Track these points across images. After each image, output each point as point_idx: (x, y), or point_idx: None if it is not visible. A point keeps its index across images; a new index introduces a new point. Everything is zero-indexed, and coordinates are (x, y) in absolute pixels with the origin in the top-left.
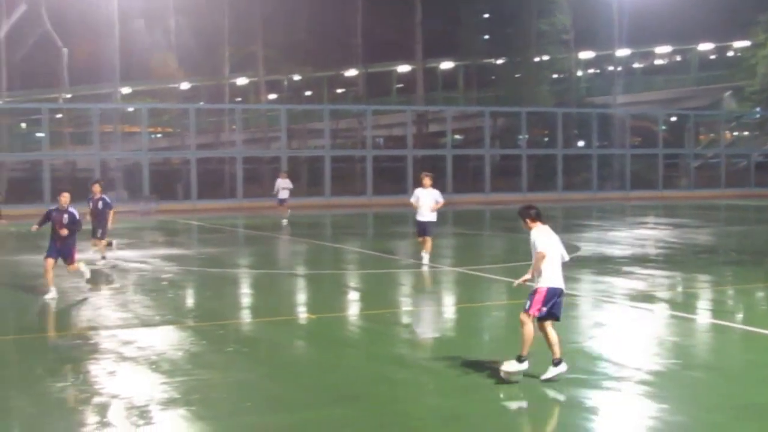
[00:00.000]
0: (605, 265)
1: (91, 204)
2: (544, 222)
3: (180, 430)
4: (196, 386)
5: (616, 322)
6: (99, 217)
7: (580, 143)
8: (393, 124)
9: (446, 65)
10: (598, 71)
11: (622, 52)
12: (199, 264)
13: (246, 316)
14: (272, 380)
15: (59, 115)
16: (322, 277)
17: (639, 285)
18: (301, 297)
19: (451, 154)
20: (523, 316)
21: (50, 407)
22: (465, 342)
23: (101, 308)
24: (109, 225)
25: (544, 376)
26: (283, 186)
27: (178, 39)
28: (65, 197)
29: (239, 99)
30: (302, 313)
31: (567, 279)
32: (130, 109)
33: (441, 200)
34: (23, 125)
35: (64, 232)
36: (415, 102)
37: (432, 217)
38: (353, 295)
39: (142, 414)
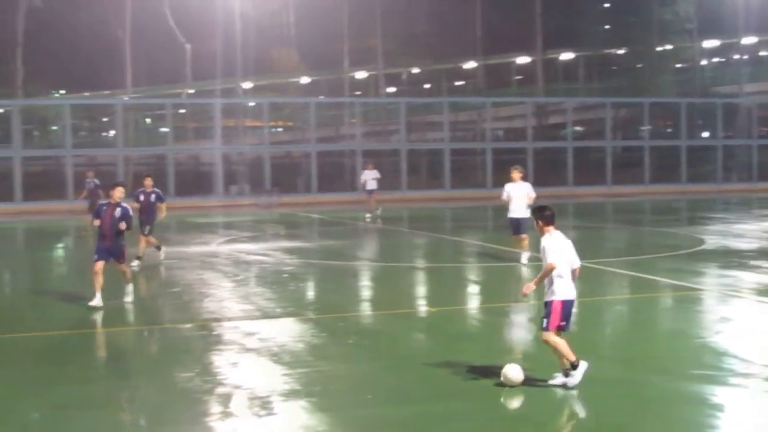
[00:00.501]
0: (731, 258)
1: (142, 197)
2: (556, 226)
3: (301, 421)
4: (317, 378)
5: (743, 317)
6: (148, 212)
7: (705, 134)
8: (513, 116)
9: (566, 56)
10: (722, 60)
11: (748, 40)
12: (319, 256)
13: (366, 308)
14: (392, 372)
15: (182, 111)
16: (442, 270)
17: (767, 279)
18: (421, 290)
19: (571, 146)
20: (545, 336)
21: (176, 397)
22: (586, 336)
23: (224, 300)
24: (161, 216)
25: (570, 381)
26: (371, 177)
27: (298, 33)
28: (119, 191)
29: (359, 92)
30: (422, 306)
31: (691, 273)
32: (252, 104)
33: (533, 194)
34: (148, 120)
35: (123, 226)
36: (535, 94)
37: (526, 213)
38: (473, 288)
39: (264, 405)
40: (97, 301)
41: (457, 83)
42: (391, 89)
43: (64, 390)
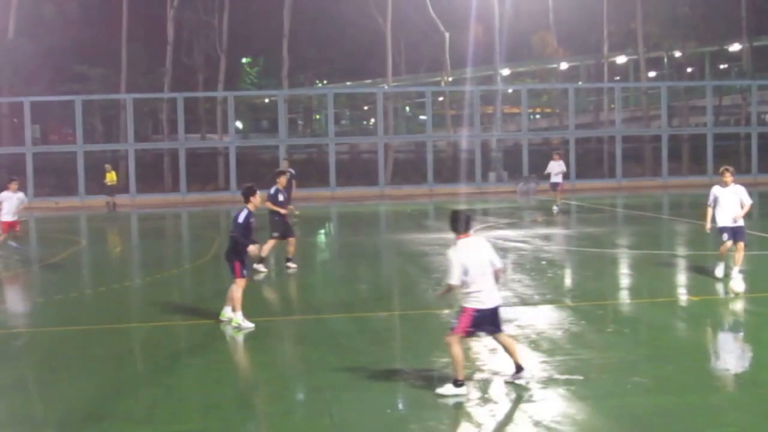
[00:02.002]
0: None
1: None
2: (469, 233)
3: (560, 409)
4: (576, 366)
5: None
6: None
7: None
8: None
9: None
10: None
11: None
12: (578, 244)
13: (625, 296)
14: (653, 362)
15: (441, 98)
16: (704, 258)
17: None
18: (682, 278)
19: None
20: (449, 338)
21: (434, 381)
22: None
23: None
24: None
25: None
26: (558, 169)
27: (558, 18)
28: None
29: (618, 77)
30: (683, 295)
31: None
32: (510, 91)
33: (748, 201)
34: (407, 108)
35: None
36: None
37: (740, 221)
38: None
39: (523, 391)
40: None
41: (722, 66)
42: (652, 73)
43: (329, 372)
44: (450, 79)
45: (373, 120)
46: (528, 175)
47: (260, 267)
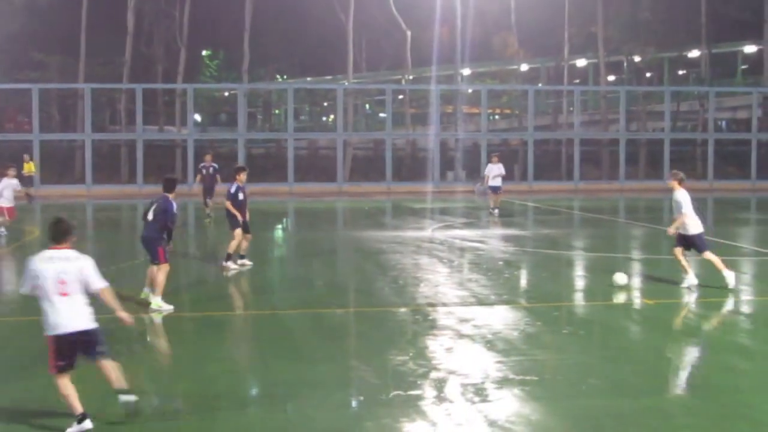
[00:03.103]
0: None
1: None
2: (62, 245)
3: (515, 409)
4: (532, 367)
5: None
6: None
7: None
8: (738, 106)
9: None
10: None
11: None
12: (534, 245)
13: (581, 298)
14: (608, 364)
15: (401, 96)
16: (659, 262)
17: None
18: (637, 281)
19: None
20: (54, 377)
21: (390, 379)
22: None
23: (439, 285)
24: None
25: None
26: (496, 173)
27: (519, 19)
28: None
29: (578, 80)
30: (638, 298)
31: None
32: (470, 91)
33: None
34: (367, 106)
35: None
36: (763, 83)
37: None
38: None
39: (478, 391)
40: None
41: (680, 72)
42: (611, 77)
43: (284, 368)
44: (411, 77)
45: (332, 116)
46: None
47: (231, 264)
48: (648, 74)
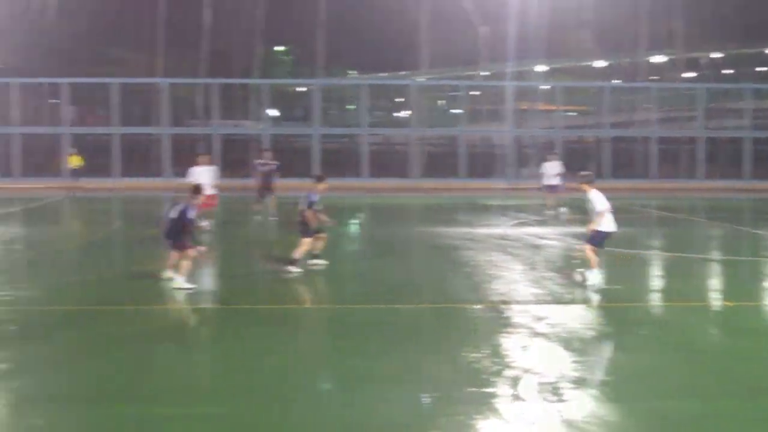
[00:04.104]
0: None
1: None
2: None
3: (590, 409)
4: (608, 367)
5: None
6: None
7: None
8: None
9: None
10: None
11: None
12: (610, 243)
13: (658, 299)
14: (683, 366)
15: (475, 93)
16: (740, 263)
17: None
18: (716, 283)
19: None
20: None
21: (464, 376)
22: None
23: (514, 283)
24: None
25: None
26: (554, 171)
27: (596, 15)
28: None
29: (656, 77)
30: (717, 300)
31: None
32: (545, 87)
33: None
34: (441, 102)
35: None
36: None
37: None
38: None
39: (554, 391)
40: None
41: (761, 69)
42: (690, 74)
43: (357, 362)
44: (484, 73)
45: (406, 112)
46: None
47: (293, 268)
48: (728, 71)
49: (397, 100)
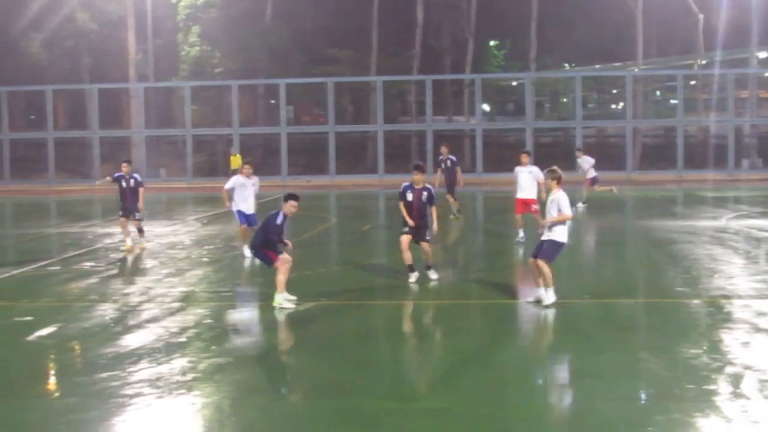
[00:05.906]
0: None
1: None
2: None
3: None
4: None
5: None
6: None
7: None
8: None
9: None
10: None
11: None
12: None
13: None
14: None
15: (693, 82)
16: None
17: None
18: None
19: None
20: None
21: (682, 372)
22: None
23: (734, 277)
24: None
25: None
26: (588, 164)
27: None
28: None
29: None
30: None
31: None
32: (766, 74)
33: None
34: (657, 92)
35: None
36: None
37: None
38: None
39: None
40: (413, 277)
41: None
42: None
43: (575, 358)
44: (702, 62)
45: (621, 104)
46: None
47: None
48: None
49: (612, 91)
